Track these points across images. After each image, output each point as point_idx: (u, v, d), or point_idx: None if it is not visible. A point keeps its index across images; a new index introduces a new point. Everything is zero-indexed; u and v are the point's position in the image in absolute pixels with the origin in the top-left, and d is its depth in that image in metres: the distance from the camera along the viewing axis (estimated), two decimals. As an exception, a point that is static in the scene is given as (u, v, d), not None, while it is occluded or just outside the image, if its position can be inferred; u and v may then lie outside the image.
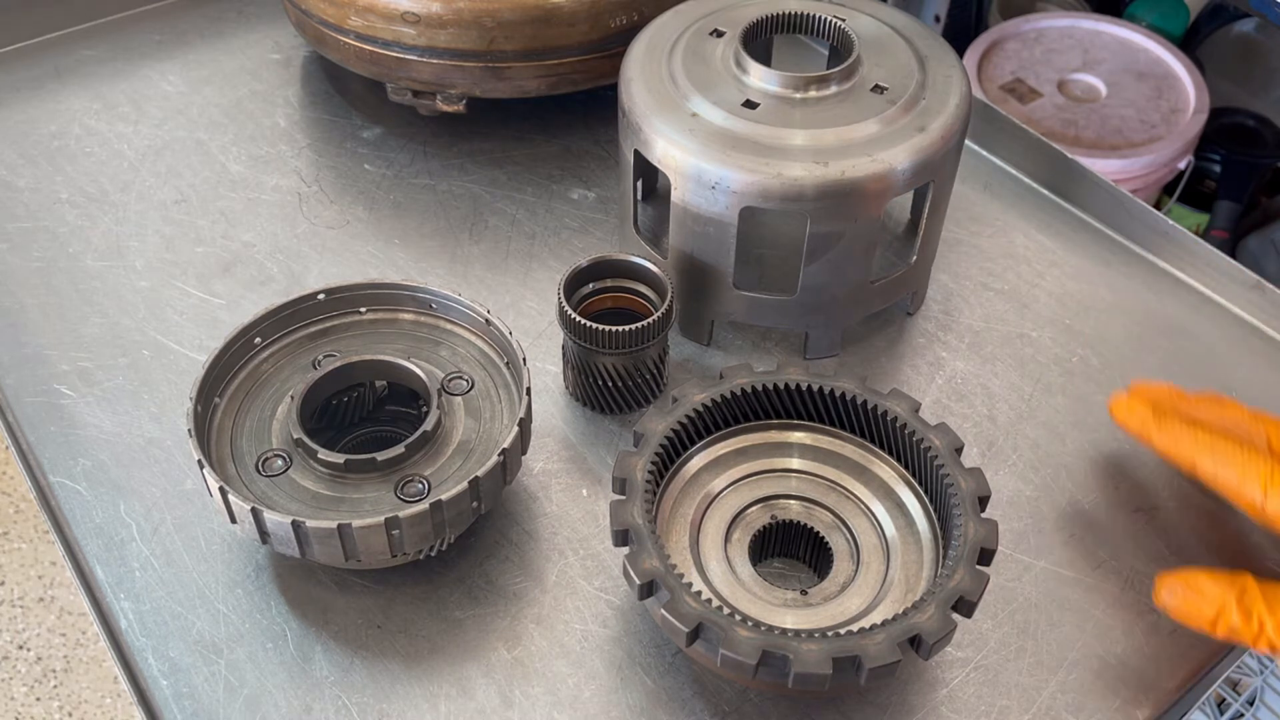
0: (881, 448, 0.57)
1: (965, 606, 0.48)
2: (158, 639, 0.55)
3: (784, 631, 0.47)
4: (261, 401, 0.57)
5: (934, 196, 0.64)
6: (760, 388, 0.56)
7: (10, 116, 0.84)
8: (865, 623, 0.49)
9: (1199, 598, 0.50)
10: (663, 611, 0.47)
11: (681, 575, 0.48)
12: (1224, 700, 1.14)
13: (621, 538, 0.50)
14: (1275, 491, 0.50)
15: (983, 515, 0.51)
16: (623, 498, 0.51)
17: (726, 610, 0.48)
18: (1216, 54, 1.57)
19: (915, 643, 0.47)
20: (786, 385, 0.56)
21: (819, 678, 0.45)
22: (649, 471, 0.52)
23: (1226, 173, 1.51)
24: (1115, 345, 0.70)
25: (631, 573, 0.49)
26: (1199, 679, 0.55)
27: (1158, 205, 1.47)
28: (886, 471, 0.56)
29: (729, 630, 0.46)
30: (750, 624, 0.47)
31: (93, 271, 0.73)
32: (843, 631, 0.47)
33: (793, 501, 0.56)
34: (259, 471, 0.54)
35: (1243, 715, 1.13)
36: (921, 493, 0.55)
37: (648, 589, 0.48)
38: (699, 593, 0.48)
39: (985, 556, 0.50)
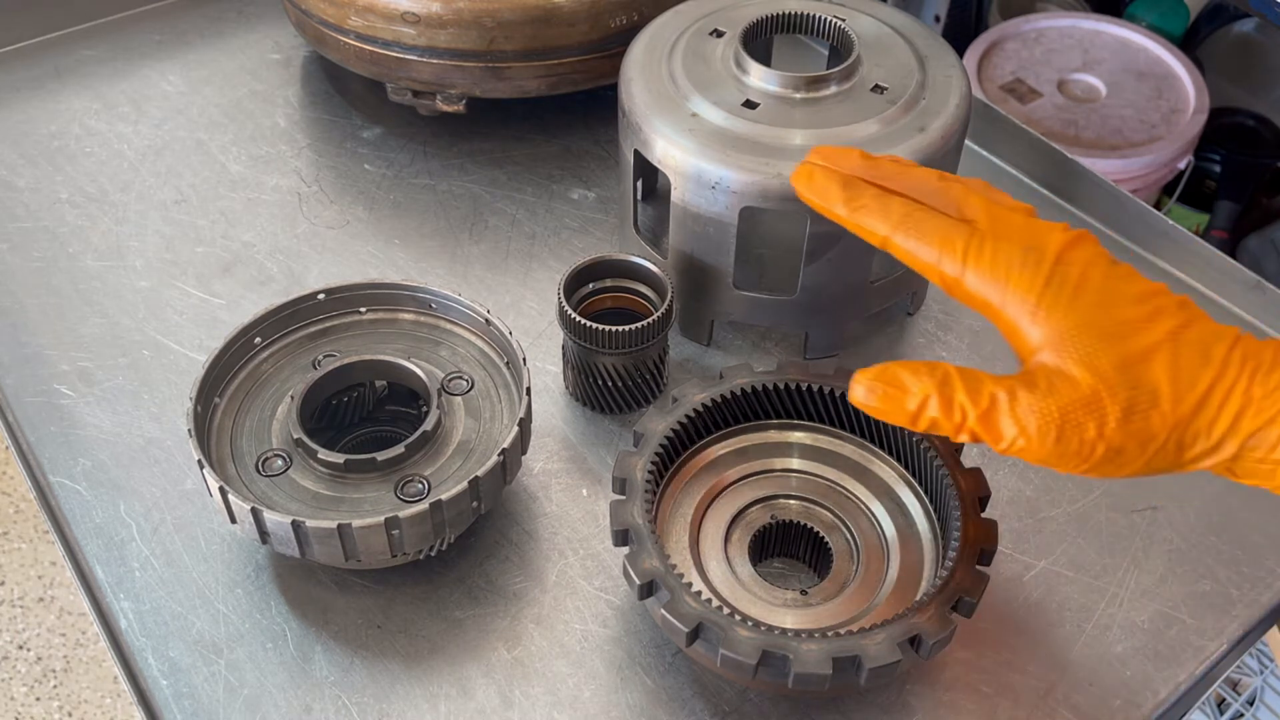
0: (881, 448, 0.57)
1: (965, 606, 0.48)
2: (158, 639, 0.55)
3: (784, 631, 0.47)
4: (261, 401, 0.57)
5: (934, 196, 0.64)
6: (760, 388, 0.56)
7: (10, 116, 0.84)
8: (865, 623, 0.49)
9: (898, 391, 0.45)
10: (663, 611, 0.47)
11: (681, 575, 0.48)
12: (1224, 700, 1.14)
13: (621, 537, 0.50)
14: (974, 263, 0.46)
15: (983, 515, 0.51)
16: (623, 497, 0.51)
17: (726, 610, 0.48)
18: (1216, 54, 1.57)
19: (915, 643, 0.47)
20: (786, 385, 0.56)
21: (819, 678, 0.45)
22: (649, 471, 0.52)
23: (1226, 173, 1.51)
24: (1115, 345, 0.69)
25: (631, 573, 0.49)
26: (1199, 679, 0.55)
27: (1158, 205, 1.47)
28: (886, 471, 0.56)
29: (729, 630, 0.46)
30: (750, 624, 0.47)
31: (92, 271, 0.73)
32: (842, 631, 0.47)
33: (793, 501, 0.56)
34: (259, 471, 0.54)
35: (1243, 715, 1.13)
36: (921, 493, 0.55)
37: (648, 589, 0.48)
38: (699, 593, 0.48)
39: (985, 556, 0.50)
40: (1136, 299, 0.45)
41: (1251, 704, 1.13)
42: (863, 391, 0.45)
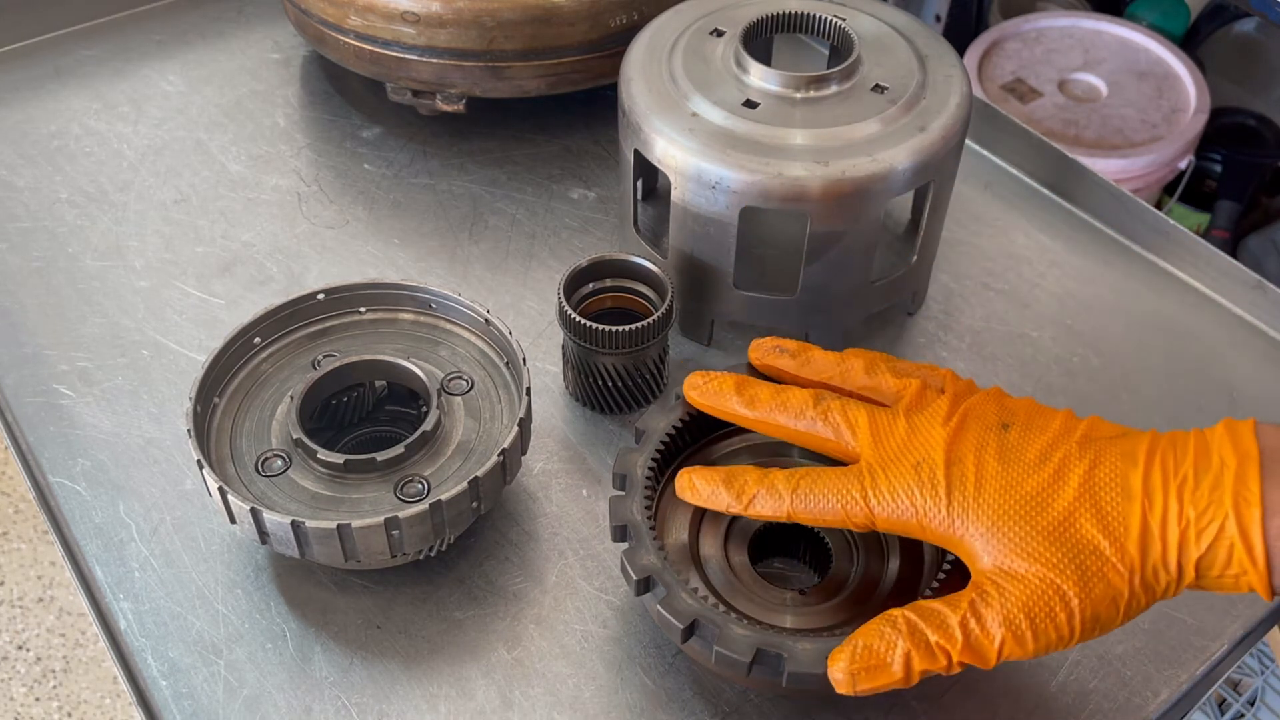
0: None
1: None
2: (157, 639, 0.55)
3: (779, 630, 0.47)
4: (261, 401, 0.57)
5: (934, 196, 0.64)
6: (760, 388, 0.56)
7: (10, 116, 0.84)
8: (862, 623, 0.49)
9: (882, 667, 0.44)
10: (658, 607, 0.47)
11: (679, 572, 0.48)
12: (1224, 700, 1.14)
13: (620, 533, 0.51)
14: (878, 505, 0.45)
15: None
16: (622, 493, 0.51)
17: (722, 608, 0.47)
18: (1217, 54, 1.57)
19: None
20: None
21: (813, 677, 0.45)
22: (649, 468, 0.52)
23: (1227, 172, 1.51)
24: (1115, 345, 0.69)
25: (629, 568, 0.49)
26: (1200, 679, 0.55)
27: (1158, 205, 1.47)
28: (887, 471, 0.56)
29: (724, 627, 0.46)
30: (745, 622, 0.47)
31: (92, 271, 0.73)
32: (837, 631, 0.47)
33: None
34: (258, 472, 0.54)
35: (1243, 715, 1.13)
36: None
37: (644, 584, 0.48)
38: (695, 589, 0.48)
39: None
40: (1037, 463, 0.44)
41: (1252, 704, 1.13)
42: (846, 681, 0.44)
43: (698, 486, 0.50)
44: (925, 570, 0.52)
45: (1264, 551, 0.40)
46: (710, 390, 0.52)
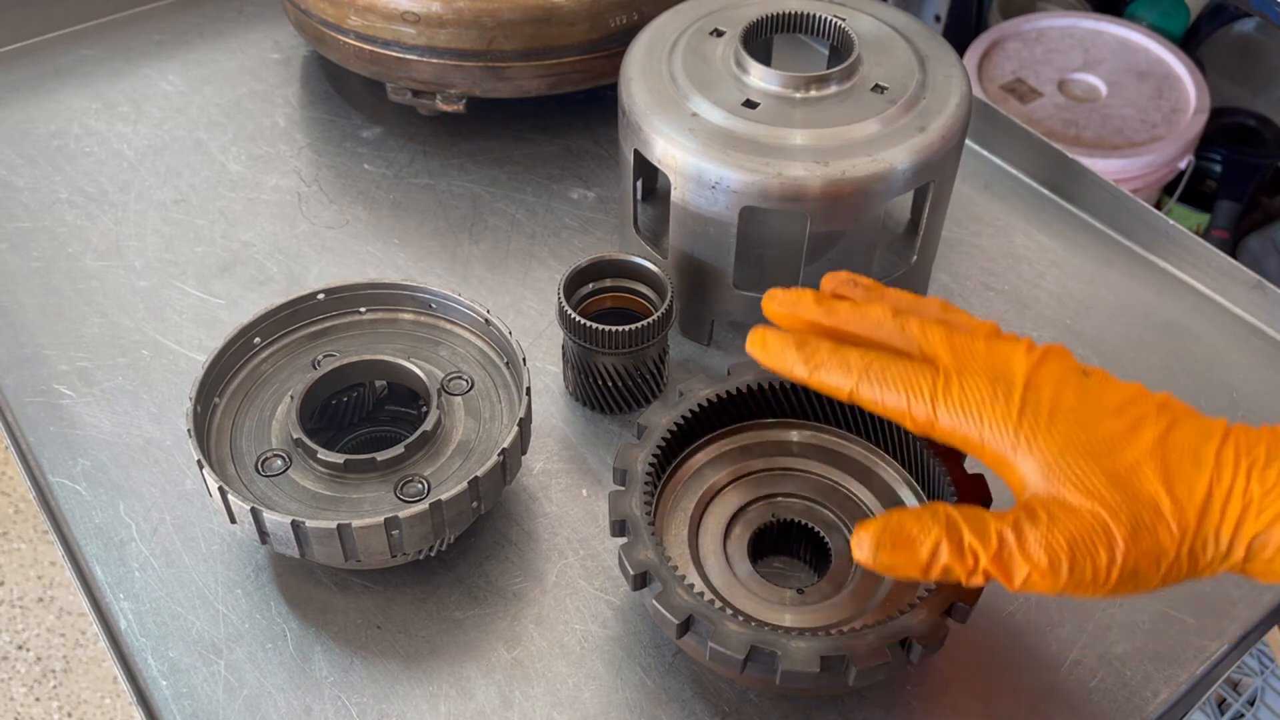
0: (884, 450, 0.57)
1: (960, 612, 0.47)
2: (157, 639, 0.55)
3: (774, 628, 0.47)
4: (261, 401, 0.57)
5: (934, 196, 0.64)
6: (765, 386, 0.56)
7: (10, 116, 0.84)
8: (859, 624, 0.49)
9: (907, 543, 0.43)
10: (654, 602, 0.47)
11: (676, 568, 0.48)
12: (1224, 700, 1.14)
13: (619, 528, 0.51)
14: (943, 406, 0.44)
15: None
16: (622, 489, 0.51)
17: (719, 604, 0.47)
18: (1217, 54, 1.57)
19: (905, 645, 0.46)
20: (791, 384, 0.56)
21: (806, 676, 0.45)
22: (650, 464, 0.52)
23: (1227, 172, 1.51)
24: (1115, 345, 0.70)
25: (626, 563, 0.49)
26: (1199, 679, 0.55)
27: (1158, 205, 1.47)
28: (888, 472, 0.56)
29: (719, 624, 0.46)
30: (741, 619, 0.47)
31: (92, 271, 0.73)
32: (833, 631, 0.47)
33: (794, 500, 0.56)
34: (259, 471, 0.54)
35: (1243, 715, 1.13)
36: (923, 495, 0.55)
37: (641, 579, 0.49)
38: (691, 585, 0.48)
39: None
40: (1115, 410, 0.44)
41: (1252, 704, 1.13)
42: (869, 547, 0.43)
43: (769, 342, 0.48)
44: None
45: None
46: (790, 300, 0.50)
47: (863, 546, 0.43)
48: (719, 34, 0.65)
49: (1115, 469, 0.42)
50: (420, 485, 0.54)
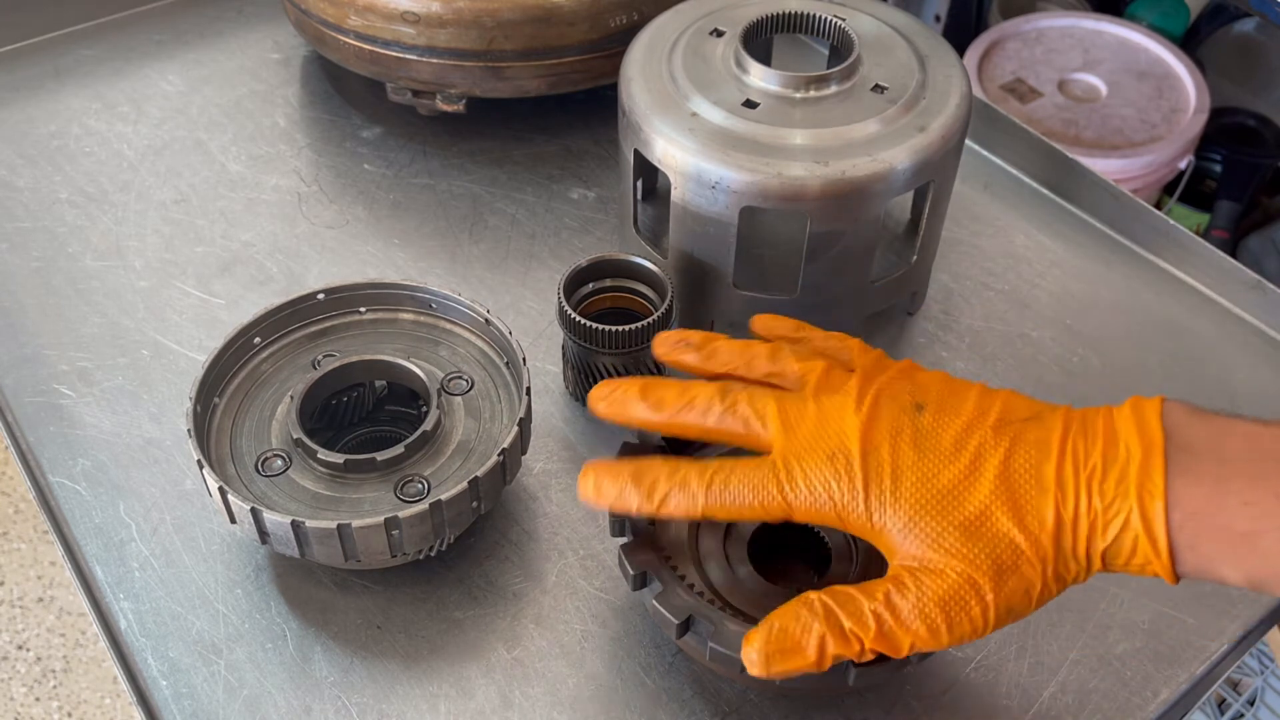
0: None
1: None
2: (157, 639, 0.55)
3: None
4: (261, 401, 0.57)
5: (934, 196, 0.64)
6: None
7: (10, 116, 0.84)
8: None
9: (796, 650, 0.43)
10: (654, 602, 0.47)
11: (676, 568, 0.48)
12: (1224, 700, 1.14)
13: (619, 528, 0.51)
14: (794, 498, 0.44)
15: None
16: None
17: (719, 604, 0.47)
18: (1217, 54, 1.58)
19: None
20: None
21: (807, 676, 0.45)
22: None
23: (1227, 172, 1.51)
24: (1115, 345, 0.70)
25: (626, 563, 0.49)
26: (1199, 679, 0.55)
27: (1158, 205, 1.47)
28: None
29: (719, 624, 0.46)
30: (741, 618, 0.47)
31: (92, 271, 0.73)
32: None
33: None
34: (258, 471, 0.54)
35: (1243, 715, 1.13)
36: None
37: (641, 579, 0.49)
38: (691, 585, 0.48)
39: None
40: (952, 452, 0.44)
41: (1252, 704, 1.13)
42: (759, 662, 0.43)
43: (604, 488, 0.47)
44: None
45: (1167, 543, 0.41)
46: (616, 400, 0.50)
47: (753, 662, 0.44)
48: (719, 34, 0.65)
49: (965, 519, 0.43)
50: (420, 485, 0.54)
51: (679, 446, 0.55)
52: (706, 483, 0.46)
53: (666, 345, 0.52)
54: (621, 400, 0.49)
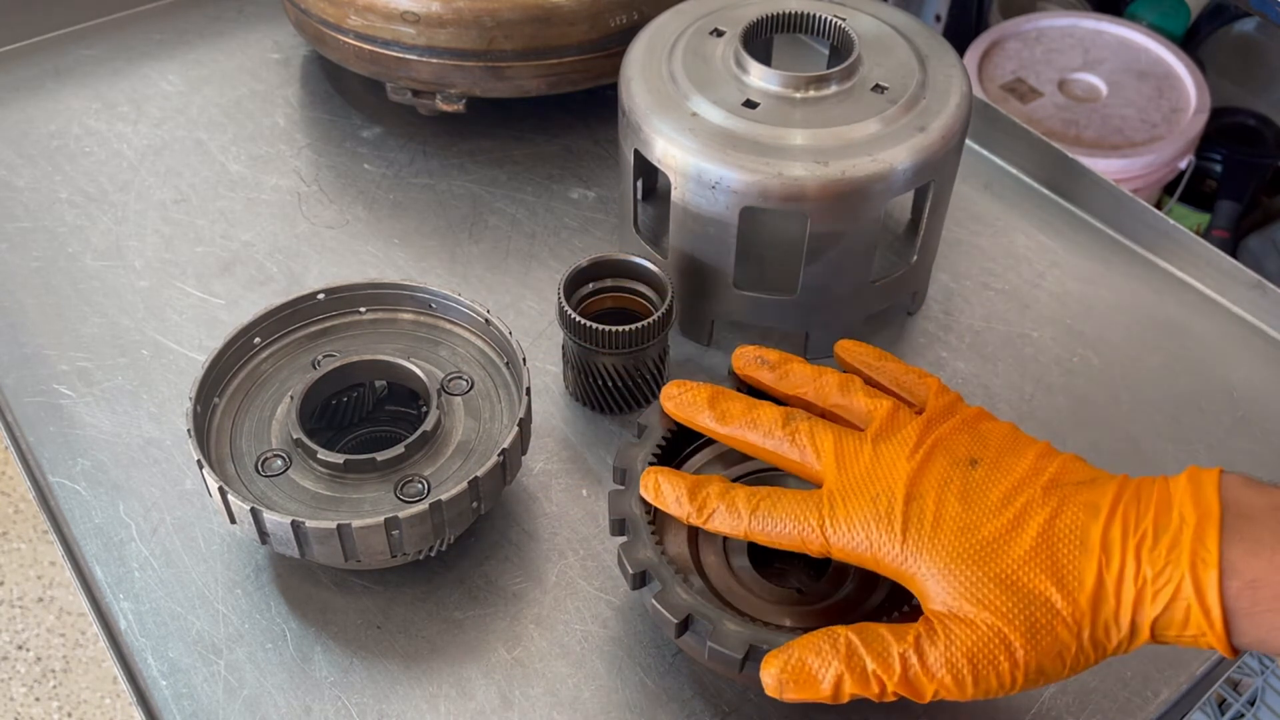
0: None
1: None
2: (157, 639, 0.55)
3: (774, 628, 0.47)
4: (261, 401, 0.57)
5: (934, 196, 0.64)
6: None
7: (10, 116, 0.84)
8: (859, 624, 0.49)
9: (810, 682, 0.43)
10: (653, 601, 0.47)
11: (675, 567, 0.48)
12: (1224, 700, 1.13)
13: (618, 527, 0.51)
14: (834, 533, 0.45)
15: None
16: (622, 488, 0.51)
17: (718, 604, 0.47)
18: (1217, 54, 1.58)
19: None
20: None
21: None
22: (649, 463, 0.52)
23: (1227, 172, 1.51)
24: (1116, 345, 0.70)
25: (625, 562, 0.49)
26: (1200, 679, 0.55)
27: (1158, 205, 1.47)
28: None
29: (718, 623, 0.46)
30: (741, 618, 0.47)
31: (92, 271, 0.73)
32: None
33: (793, 501, 0.56)
34: (258, 471, 0.54)
35: (1243, 715, 1.13)
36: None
37: (640, 579, 0.49)
38: (691, 584, 0.48)
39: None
40: (998, 507, 0.44)
41: (1252, 704, 1.13)
42: (774, 686, 0.44)
43: (663, 490, 0.49)
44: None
45: (1221, 613, 0.39)
46: (685, 402, 0.52)
47: (768, 685, 0.44)
48: (719, 34, 0.65)
49: (1002, 572, 0.42)
50: (420, 485, 0.54)
51: (676, 449, 0.55)
52: (753, 507, 0.47)
53: (744, 360, 0.53)
54: (690, 404, 0.51)
